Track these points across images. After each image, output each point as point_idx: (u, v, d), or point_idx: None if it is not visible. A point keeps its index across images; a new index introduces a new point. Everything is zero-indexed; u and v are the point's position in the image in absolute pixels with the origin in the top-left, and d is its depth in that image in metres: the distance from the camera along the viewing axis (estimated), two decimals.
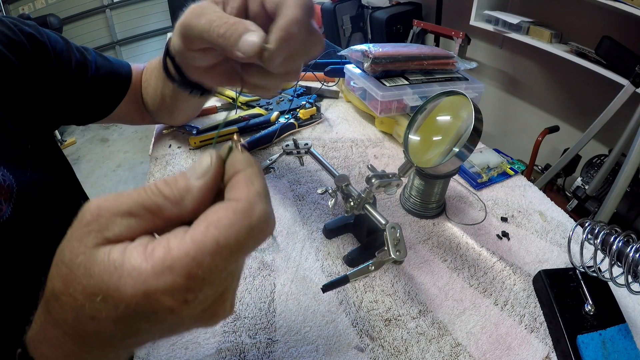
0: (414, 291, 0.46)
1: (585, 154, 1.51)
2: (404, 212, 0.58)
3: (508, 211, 0.59)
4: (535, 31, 1.58)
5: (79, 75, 0.48)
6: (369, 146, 0.72)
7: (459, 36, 1.85)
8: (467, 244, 0.53)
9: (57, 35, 0.47)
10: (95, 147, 2.86)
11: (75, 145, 2.88)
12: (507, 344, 0.41)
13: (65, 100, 0.48)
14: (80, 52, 0.49)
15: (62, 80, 0.46)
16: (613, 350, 0.38)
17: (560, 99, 1.82)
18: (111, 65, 0.53)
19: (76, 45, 0.50)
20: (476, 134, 0.41)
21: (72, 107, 0.50)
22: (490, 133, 2.23)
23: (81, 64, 0.49)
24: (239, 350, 0.39)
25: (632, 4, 1.19)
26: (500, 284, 0.48)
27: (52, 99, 0.46)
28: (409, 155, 0.47)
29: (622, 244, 0.40)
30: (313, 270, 0.48)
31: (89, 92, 0.50)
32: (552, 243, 0.54)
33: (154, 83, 0.52)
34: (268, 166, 0.53)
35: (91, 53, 0.51)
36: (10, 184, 0.36)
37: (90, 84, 0.50)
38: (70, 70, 0.47)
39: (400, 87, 0.68)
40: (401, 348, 0.40)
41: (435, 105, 0.49)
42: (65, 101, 0.48)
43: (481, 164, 0.66)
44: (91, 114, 0.54)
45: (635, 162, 1.13)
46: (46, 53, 0.44)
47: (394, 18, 2.18)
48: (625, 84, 1.21)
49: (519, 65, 1.95)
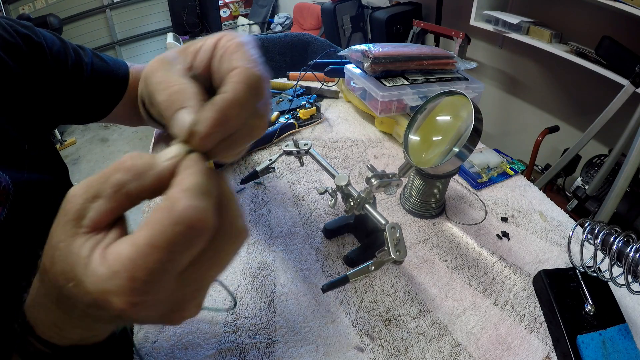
0: (414, 291, 0.46)
1: (585, 154, 1.50)
2: (404, 212, 0.58)
3: (508, 211, 0.59)
4: (535, 31, 1.58)
5: (74, 75, 0.48)
6: (369, 146, 0.72)
7: (459, 36, 1.85)
8: (467, 244, 0.53)
9: (53, 35, 0.47)
10: (95, 147, 2.86)
11: (75, 145, 2.88)
12: (507, 344, 0.41)
13: (62, 101, 0.48)
14: (77, 53, 0.49)
15: (58, 81, 0.46)
16: (613, 350, 0.38)
17: (560, 99, 1.82)
18: (108, 66, 0.52)
19: (73, 45, 0.49)
20: (476, 134, 0.41)
21: (69, 107, 0.50)
22: (490, 133, 2.23)
23: (77, 64, 0.48)
24: (239, 350, 0.39)
25: (632, 4, 1.19)
26: (500, 284, 0.48)
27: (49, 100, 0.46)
28: (409, 155, 0.47)
29: (622, 244, 0.40)
30: (313, 270, 0.48)
31: (85, 93, 0.50)
32: (552, 243, 0.54)
33: None
34: (268, 166, 0.53)
35: (88, 53, 0.51)
36: (6, 185, 0.35)
37: (86, 85, 0.49)
38: (67, 71, 0.47)
39: (400, 87, 0.68)
40: (401, 348, 0.40)
41: (435, 105, 0.49)
42: (61, 102, 0.48)
43: (481, 164, 0.66)
44: (88, 115, 0.53)
45: (635, 162, 1.13)
46: (42, 54, 0.44)
47: (394, 18, 2.18)
48: (625, 84, 1.21)
49: (519, 65, 1.95)
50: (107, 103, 0.53)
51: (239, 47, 0.25)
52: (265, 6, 3.89)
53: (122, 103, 0.54)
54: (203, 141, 0.22)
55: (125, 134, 3.01)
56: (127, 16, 3.56)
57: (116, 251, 0.19)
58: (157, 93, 0.24)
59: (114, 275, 0.18)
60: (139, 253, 0.18)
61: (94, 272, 0.19)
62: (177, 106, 0.23)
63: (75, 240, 0.20)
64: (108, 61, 0.52)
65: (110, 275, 0.18)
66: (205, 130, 0.22)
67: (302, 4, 3.29)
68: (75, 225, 0.20)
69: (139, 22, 3.63)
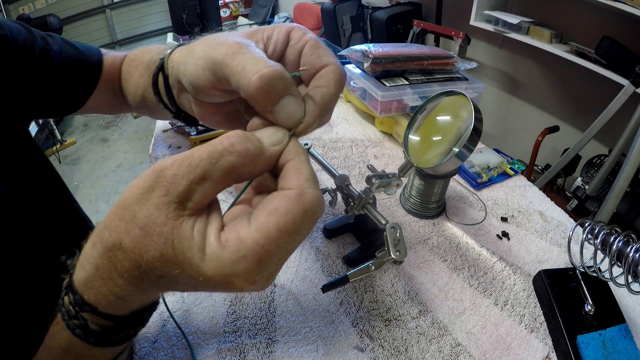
0: (414, 291, 0.46)
1: (585, 154, 1.50)
2: (404, 212, 0.58)
3: (508, 211, 0.59)
4: (535, 31, 1.58)
5: (42, 65, 0.45)
6: (369, 146, 0.72)
7: (459, 36, 1.85)
8: (467, 244, 0.53)
9: (20, 25, 0.45)
10: (95, 147, 2.86)
11: (75, 145, 2.88)
12: (507, 344, 0.41)
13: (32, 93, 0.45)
14: (45, 41, 0.45)
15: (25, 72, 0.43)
16: (613, 350, 0.38)
17: (560, 99, 1.82)
18: (79, 54, 0.49)
19: (41, 33, 0.46)
20: (476, 134, 0.41)
21: (41, 99, 0.47)
22: (490, 133, 2.23)
23: (45, 53, 0.45)
24: (239, 350, 0.39)
25: (632, 4, 1.19)
26: (500, 284, 0.48)
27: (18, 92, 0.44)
28: (409, 155, 0.47)
29: (622, 244, 0.40)
30: (313, 270, 0.48)
31: (56, 83, 0.46)
32: (552, 243, 0.54)
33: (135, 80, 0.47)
34: None
35: (57, 41, 0.47)
36: None
37: (56, 74, 0.46)
38: (34, 61, 0.44)
39: (400, 87, 0.68)
40: (401, 348, 0.40)
41: (435, 105, 0.49)
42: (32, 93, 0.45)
43: (481, 164, 0.66)
44: (63, 106, 0.50)
45: (635, 162, 1.13)
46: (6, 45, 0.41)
47: (394, 18, 2.18)
48: (625, 84, 1.21)
49: (519, 65, 1.95)
50: (81, 92, 0.50)
51: (319, 43, 0.27)
52: (265, 6, 3.89)
53: (98, 92, 0.50)
54: (306, 130, 0.25)
55: (125, 134, 3.01)
56: (127, 16, 3.57)
57: (239, 236, 0.20)
58: (243, 74, 0.23)
59: (242, 259, 0.19)
60: (269, 238, 0.19)
61: (216, 256, 0.19)
62: (279, 91, 0.23)
63: (182, 223, 0.20)
64: (80, 48, 0.49)
65: (237, 260, 0.19)
66: (311, 121, 0.25)
67: (302, 4, 3.29)
68: (179, 207, 0.20)
69: (139, 22, 3.64)
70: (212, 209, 0.22)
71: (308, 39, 0.27)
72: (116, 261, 0.21)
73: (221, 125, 0.34)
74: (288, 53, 0.28)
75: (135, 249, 0.20)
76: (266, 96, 0.23)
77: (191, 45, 0.30)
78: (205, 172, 0.20)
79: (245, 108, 0.32)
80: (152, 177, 0.20)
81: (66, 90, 0.48)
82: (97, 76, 0.50)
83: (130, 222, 0.20)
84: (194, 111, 0.33)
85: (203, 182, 0.20)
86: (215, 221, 0.21)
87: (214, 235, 0.20)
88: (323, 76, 0.26)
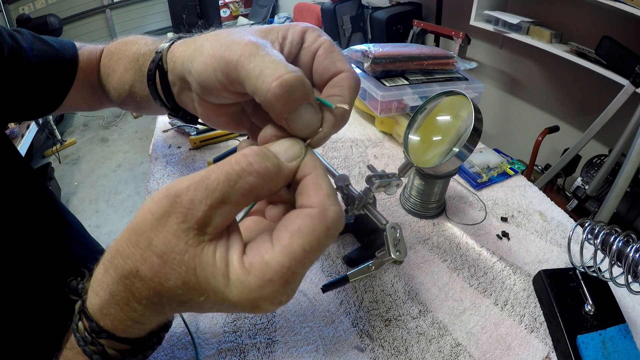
0: (414, 291, 0.46)
1: (585, 154, 1.50)
2: (404, 212, 0.58)
3: (508, 211, 0.59)
4: (535, 31, 1.58)
5: (13, 64, 0.42)
6: (369, 146, 0.72)
7: (459, 36, 1.85)
8: (467, 244, 0.53)
9: None
10: (95, 147, 2.86)
11: (75, 145, 2.88)
12: (507, 344, 0.41)
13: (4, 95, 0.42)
14: (13, 38, 0.43)
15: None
16: (613, 350, 0.38)
17: (560, 99, 1.82)
18: (51, 49, 0.46)
19: (9, 30, 0.43)
20: (476, 134, 0.41)
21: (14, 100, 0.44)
22: (490, 133, 2.23)
23: (14, 51, 0.42)
24: (239, 350, 0.39)
25: (632, 4, 1.19)
26: (500, 284, 0.48)
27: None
28: (409, 155, 0.47)
29: (622, 244, 0.40)
30: (313, 270, 0.48)
31: (30, 82, 0.44)
32: (552, 243, 0.54)
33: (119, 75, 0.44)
34: None
35: (27, 37, 0.44)
36: None
37: (28, 74, 0.43)
38: (3, 61, 0.41)
39: (400, 87, 0.68)
40: (401, 348, 0.40)
41: (435, 105, 0.49)
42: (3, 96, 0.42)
43: (481, 164, 0.66)
44: (39, 106, 0.47)
45: (635, 162, 1.13)
46: None
47: (394, 18, 2.18)
48: (625, 84, 1.21)
49: (519, 65, 1.95)
50: (57, 91, 0.47)
51: (334, 46, 0.26)
52: (265, 6, 3.89)
53: (75, 89, 0.48)
54: (322, 141, 0.24)
55: (125, 134, 3.01)
56: (127, 16, 3.57)
57: (263, 260, 0.19)
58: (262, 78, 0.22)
59: (269, 283, 0.19)
60: (294, 259, 0.19)
61: (241, 282, 0.19)
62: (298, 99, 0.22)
63: (204, 250, 0.19)
64: (52, 43, 0.46)
65: (264, 284, 0.19)
66: (328, 132, 0.24)
67: (302, 4, 3.29)
68: (199, 233, 0.19)
69: (139, 22, 3.64)
70: (231, 230, 0.21)
71: (323, 41, 0.26)
72: (133, 288, 0.20)
73: (225, 126, 0.32)
74: (302, 55, 0.26)
75: (154, 278, 0.19)
76: (284, 104, 0.22)
77: (197, 39, 0.28)
78: (224, 196, 0.19)
79: (252, 110, 0.31)
80: (166, 202, 0.19)
81: (41, 91, 0.46)
82: (73, 73, 0.47)
83: (147, 249, 0.19)
84: (197, 110, 0.31)
85: (222, 205, 0.19)
86: (236, 244, 0.20)
87: (237, 260, 0.19)
88: (337, 84, 0.25)
